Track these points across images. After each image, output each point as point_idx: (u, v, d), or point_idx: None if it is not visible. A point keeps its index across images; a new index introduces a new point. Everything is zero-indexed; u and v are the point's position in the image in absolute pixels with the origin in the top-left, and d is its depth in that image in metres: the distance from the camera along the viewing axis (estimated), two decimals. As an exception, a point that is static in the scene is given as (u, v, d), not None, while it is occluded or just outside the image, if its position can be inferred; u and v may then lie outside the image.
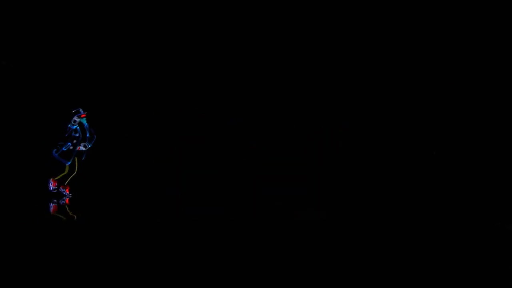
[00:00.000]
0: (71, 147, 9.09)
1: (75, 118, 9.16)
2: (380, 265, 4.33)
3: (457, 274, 4.02)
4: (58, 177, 9.15)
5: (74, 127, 9.18)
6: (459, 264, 4.39)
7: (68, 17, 10.79)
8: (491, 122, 10.66)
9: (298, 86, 11.39)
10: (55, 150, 9.09)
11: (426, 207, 8.61)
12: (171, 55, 11.32)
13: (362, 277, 3.94)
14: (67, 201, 8.75)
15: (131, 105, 11.15)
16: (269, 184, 10.48)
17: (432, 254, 4.76)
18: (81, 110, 9.31)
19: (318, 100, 11.38)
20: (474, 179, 10.17)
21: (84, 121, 9.31)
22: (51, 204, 8.44)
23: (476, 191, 9.71)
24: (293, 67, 11.36)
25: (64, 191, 9.13)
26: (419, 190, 10.19)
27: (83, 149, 9.22)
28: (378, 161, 11.00)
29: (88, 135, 9.28)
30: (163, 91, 11.35)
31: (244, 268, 4.20)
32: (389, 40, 11.08)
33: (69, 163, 9.11)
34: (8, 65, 10.65)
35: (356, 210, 8.28)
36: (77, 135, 9.18)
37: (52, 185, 9.13)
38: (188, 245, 5.22)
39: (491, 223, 6.79)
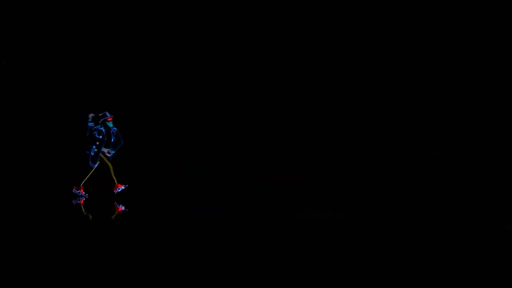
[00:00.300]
0: (96, 150, 9.08)
1: (90, 115, 9.15)
2: (380, 265, 4.33)
3: (457, 274, 4.02)
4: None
5: (90, 124, 9.13)
6: (459, 264, 4.40)
7: (67, 19, 10.78)
8: (491, 122, 10.66)
9: (298, 86, 11.39)
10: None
11: (426, 207, 8.60)
12: (171, 55, 11.32)
13: (362, 277, 3.94)
14: (81, 202, 8.78)
15: (131, 105, 11.15)
16: (269, 184, 10.47)
17: (432, 254, 4.77)
18: (107, 113, 9.26)
19: (318, 100, 11.38)
20: (474, 179, 10.17)
21: (110, 124, 9.25)
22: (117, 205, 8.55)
23: (476, 191, 9.71)
24: (293, 67, 11.36)
25: (79, 192, 9.15)
26: (419, 190, 10.18)
27: (107, 155, 9.22)
28: (378, 161, 11.00)
29: (113, 140, 9.25)
30: (163, 91, 11.35)
31: (244, 268, 4.20)
32: (389, 40, 11.08)
33: (96, 165, 9.12)
34: (8, 65, 10.65)
35: (356, 210, 8.28)
36: (100, 137, 9.13)
37: (123, 187, 9.25)
38: (188, 245, 5.22)
39: (491, 223, 6.79)
